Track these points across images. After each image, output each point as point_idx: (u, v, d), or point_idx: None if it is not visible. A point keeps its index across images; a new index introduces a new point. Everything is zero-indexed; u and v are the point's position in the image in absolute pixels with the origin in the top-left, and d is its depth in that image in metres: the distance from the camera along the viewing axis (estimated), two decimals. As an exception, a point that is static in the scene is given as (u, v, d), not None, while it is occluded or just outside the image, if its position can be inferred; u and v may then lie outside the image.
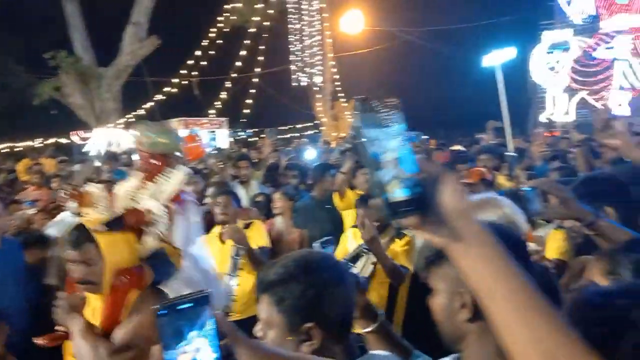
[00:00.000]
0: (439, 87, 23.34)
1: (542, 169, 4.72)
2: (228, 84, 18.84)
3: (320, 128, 21.60)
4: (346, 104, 21.42)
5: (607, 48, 17.68)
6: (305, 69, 20.99)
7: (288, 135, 20.79)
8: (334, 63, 21.24)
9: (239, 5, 17.89)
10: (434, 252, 1.22)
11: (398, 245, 3.29)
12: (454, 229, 0.76)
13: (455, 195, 0.76)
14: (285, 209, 4.69)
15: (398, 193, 0.75)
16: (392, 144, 0.77)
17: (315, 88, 21.38)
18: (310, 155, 7.49)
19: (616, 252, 1.51)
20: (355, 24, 19.72)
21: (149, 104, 17.39)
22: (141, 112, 16.99)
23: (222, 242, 3.87)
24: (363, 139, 0.78)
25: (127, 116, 15.83)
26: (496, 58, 5.49)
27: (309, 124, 22.63)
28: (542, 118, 18.83)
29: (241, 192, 5.15)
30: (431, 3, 21.64)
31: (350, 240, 3.52)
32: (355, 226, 3.54)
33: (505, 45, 5.94)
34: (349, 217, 4.09)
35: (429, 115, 22.90)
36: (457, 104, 22.97)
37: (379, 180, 0.76)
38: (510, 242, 1.30)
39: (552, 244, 2.76)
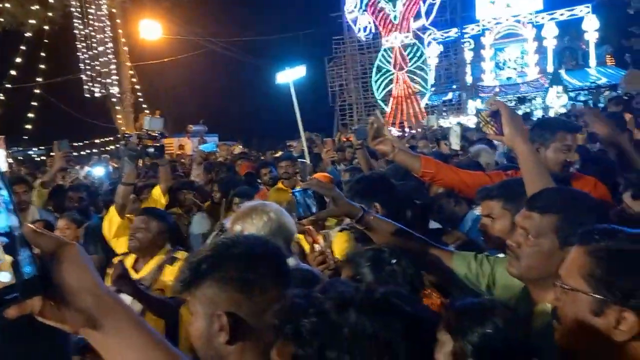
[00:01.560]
0: (251, 97, 23.76)
1: (332, 172, 5.11)
2: (1, 96, 16.12)
3: (124, 142, 20.04)
4: (151, 115, 20.27)
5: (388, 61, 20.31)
6: (98, 79, 19.18)
7: (86, 151, 18.74)
8: (132, 72, 19.89)
9: (8, 5, 15.45)
10: (188, 274, 1.16)
11: (168, 273, 2.75)
12: (83, 310, 0.67)
13: (77, 270, 0.67)
14: (72, 236, 4.05)
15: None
16: None
17: (113, 99, 19.72)
18: (98, 172, 6.75)
19: (355, 255, 1.60)
20: (152, 31, 18.77)
21: None
22: None
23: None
24: None
25: None
26: (288, 75, 5.75)
27: (111, 138, 20.79)
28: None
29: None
30: (232, 15, 21.92)
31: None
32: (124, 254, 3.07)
33: (304, 57, 6.27)
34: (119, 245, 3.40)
35: (242, 125, 23.12)
36: (267, 113, 23.69)
37: None
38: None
39: (338, 246, 2.88)
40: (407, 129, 14.99)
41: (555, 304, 1.07)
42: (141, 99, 20.42)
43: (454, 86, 20.67)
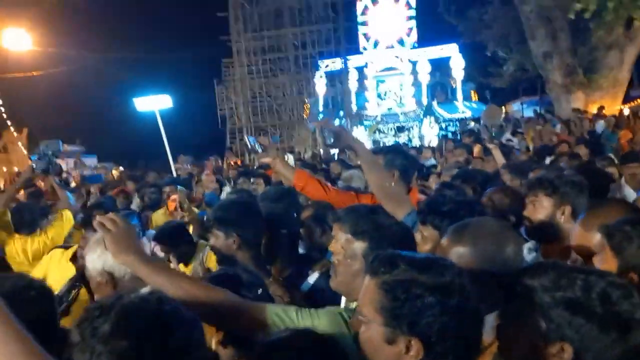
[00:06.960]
0: (133, 117, 22.53)
1: (211, 195, 5.09)
2: None
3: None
4: (17, 133, 18.44)
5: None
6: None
7: None
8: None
9: None
10: None
11: None
12: None
13: None
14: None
15: None
16: None
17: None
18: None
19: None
20: (20, 41, 17.03)
21: None
22: None
23: None
24: None
25: None
26: (151, 104, 5.60)
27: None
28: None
29: None
30: (115, 30, 20.85)
31: None
32: None
33: (193, 78, 6.09)
34: None
35: (124, 145, 21.74)
36: (152, 134, 22.60)
37: None
38: None
39: (211, 260, 2.87)
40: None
41: (356, 330, 1.13)
42: (4, 115, 18.41)
43: (341, 113, 21.61)
